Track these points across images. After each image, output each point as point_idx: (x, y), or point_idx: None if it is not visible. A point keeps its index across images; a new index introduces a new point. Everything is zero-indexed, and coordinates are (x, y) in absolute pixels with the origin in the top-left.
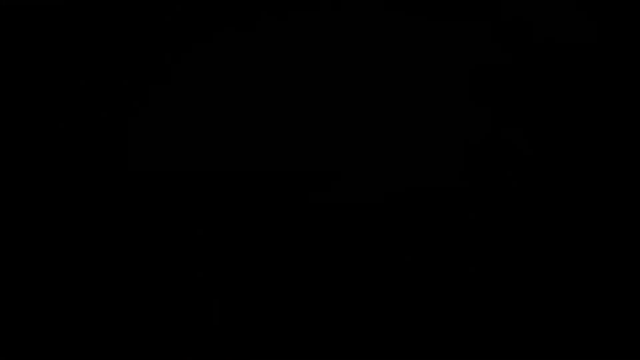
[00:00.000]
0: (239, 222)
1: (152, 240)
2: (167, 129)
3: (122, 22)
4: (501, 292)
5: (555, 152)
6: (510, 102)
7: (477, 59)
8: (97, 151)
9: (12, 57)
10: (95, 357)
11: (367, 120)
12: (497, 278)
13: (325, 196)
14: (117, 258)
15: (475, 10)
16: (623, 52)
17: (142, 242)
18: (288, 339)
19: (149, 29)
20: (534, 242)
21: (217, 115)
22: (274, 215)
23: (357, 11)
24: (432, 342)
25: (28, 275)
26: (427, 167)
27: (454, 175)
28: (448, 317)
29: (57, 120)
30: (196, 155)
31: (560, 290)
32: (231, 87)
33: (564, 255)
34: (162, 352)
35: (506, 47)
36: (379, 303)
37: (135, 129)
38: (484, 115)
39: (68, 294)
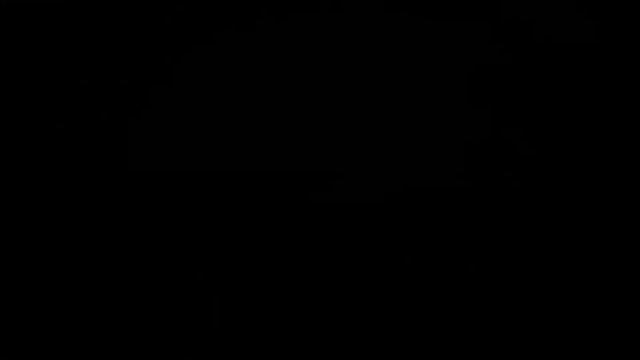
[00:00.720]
0: (239, 222)
1: (153, 241)
2: (167, 129)
3: (122, 22)
4: (501, 292)
5: (555, 152)
6: (510, 102)
7: (477, 59)
8: (97, 151)
9: (12, 57)
10: (96, 357)
11: (367, 120)
12: (497, 278)
13: (325, 196)
14: (117, 258)
15: (475, 10)
16: (623, 52)
17: (142, 242)
18: (288, 339)
19: (149, 29)
20: (534, 242)
21: (217, 115)
22: (274, 215)
23: (357, 11)
24: (432, 342)
25: (28, 275)
26: (427, 167)
27: (454, 175)
28: (448, 317)
29: (57, 120)
30: (196, 155)
31: (560, 290)
32: (231, 87)
33: (563, 255)
34: (162, 352)
35: (506, 47)
36: (379, 303)
37: (135, 129)
38: (484, 115)
39: (68, 294)
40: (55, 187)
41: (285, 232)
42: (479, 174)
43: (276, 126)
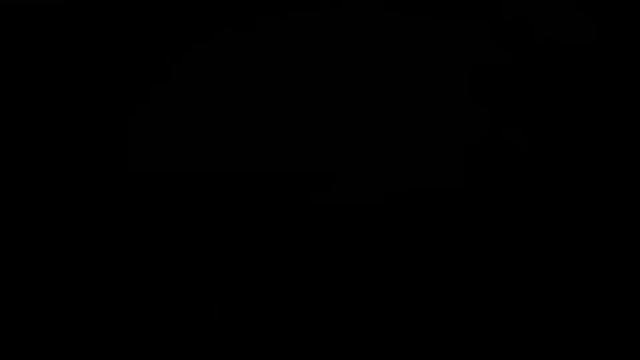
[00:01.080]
0: (239, 222)
1: (153, 241)
2: (167, 129)
3: (122, 22)
4: (501, 292)
5: (555, 152)
6: (510, 102)
7: (477, 59)
8: (97, 151)
9: (12, 57)
10: (96, 357)
11: (367, 120)
12: (497, 278)
13: (325, 196)
14: (117, 258)
15: (475, 10)
16: (623, 52)
17: (142, 242)
18: (288, 339)
19: (149, 29)
20: (534, 242)
21: (217, 115)
22: (274, 215)
23: (357, 11)
24: (432, 342)
25: (28, 275)
26: (427, 167)
27: (454, 175)
28: (448, 317)
29: (57, 120)
30: (196, 155)
31: (560, 290)
32: (231, 87)
33: (563, 255)
34: (162, 352)
35: (506, 47)
36: (379, 303)
37: (135, 129)
38: (484, 115)
39: (68, 294)
40: (56, 187)
41: (285, 232)
42: (479, 174)
43: (276, 126)
